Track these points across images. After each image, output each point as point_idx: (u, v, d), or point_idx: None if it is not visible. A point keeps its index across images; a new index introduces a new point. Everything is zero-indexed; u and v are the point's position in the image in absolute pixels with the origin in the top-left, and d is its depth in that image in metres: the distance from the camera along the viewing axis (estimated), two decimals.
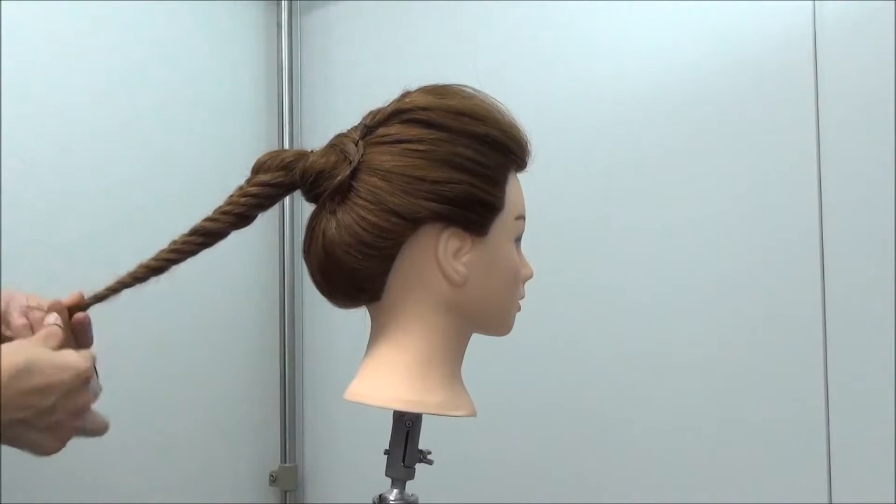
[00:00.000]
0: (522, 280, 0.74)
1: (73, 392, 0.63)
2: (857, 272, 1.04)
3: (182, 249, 0.71)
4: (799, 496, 1.06)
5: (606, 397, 1.23)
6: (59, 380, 0.62)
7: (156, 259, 0.71)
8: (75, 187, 1.27)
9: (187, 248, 0.71)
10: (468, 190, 0.66)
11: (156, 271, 0.71)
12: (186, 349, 1.43)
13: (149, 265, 0.71)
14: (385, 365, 0.70)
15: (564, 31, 1.29)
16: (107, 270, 1.30)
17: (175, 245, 0.71)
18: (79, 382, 0.64)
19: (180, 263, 0.71)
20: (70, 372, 0.63)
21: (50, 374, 0.62)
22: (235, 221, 0.70)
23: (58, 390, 0.62)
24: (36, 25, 1.24)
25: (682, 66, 1.17)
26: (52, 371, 0.62)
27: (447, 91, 0.70)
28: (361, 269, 0.67)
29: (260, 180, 0.70)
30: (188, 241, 0.71)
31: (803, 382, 1.07)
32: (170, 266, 0.71)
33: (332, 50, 1.58)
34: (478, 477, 1.34)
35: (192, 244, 0.71)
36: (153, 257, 0.71)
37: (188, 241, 0.71)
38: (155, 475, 1.37)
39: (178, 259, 0.71)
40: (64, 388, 0.62)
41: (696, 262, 1.16)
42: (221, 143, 1.50)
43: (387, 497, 0.72)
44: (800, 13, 1.08)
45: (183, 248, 0.71)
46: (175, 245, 0.71)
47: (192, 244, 0.71)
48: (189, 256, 0.71)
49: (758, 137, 1.11)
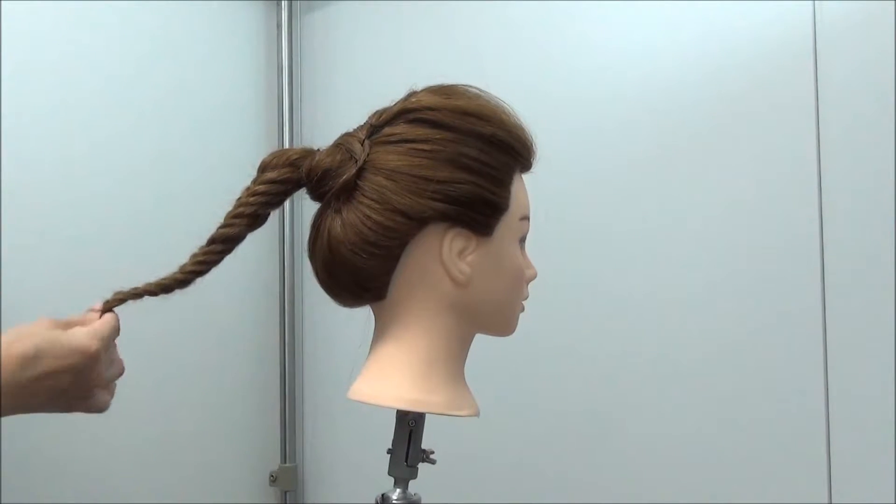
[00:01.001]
0: (526, 281, 0.74)
1: (85, 371, 0.64)
2: (857, 272, 1.04)
3: (206, 261, 0.70)
4: (799, 496, 1.06)
5: (607, 397, 1.23)
6: (68, 364, 0.62)
7: (182, 272, 0.70)
8: (75, 187, 1.27)
9: (211, 259, 0.70)
10: (474, 190, 0.66)
11: (183, 283, 0.70)
12: (187, 349, 1.43)
13: (176, 278, 0.70)
14: (389, 364, 0.70)
15: (564, 31, 1.29)
16: (107, 270, 1.30)
17: (198, 257, 0.70)
18: (90, 362, 0.64)
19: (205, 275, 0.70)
20: (77, 355, 0.63)
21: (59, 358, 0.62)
22: (250, 223, 0.70)
23: (69, 373, 0.63)
24: (36, 26, 1.24)
25: (682, 67, 1.17)
26: (61, 355, 0.62)
27: (453, 91, 0.70)
28: (366, 268, 0.67)
29: (268, 178, 0.70)
30: (209, 251, 0.70)
31: (803, 382, 1.07)
32: (195, 278, 0.70)
33: (332, 50, 1.58)
34: (480, 477, 1.34)
35: (213, 254, 0.70)
36: (179, 270, 0.70)
37: (209, 251, 0.70)
38: (155, 475, 1.37)
39: (204, 270, 0.70)
40: (75, 370, 0.63)
41: (697, 263, 1.16)
42: (221, 143, 1.50)
43: (390, 496, 0.72)
44: (800, 13, 1.08)
45: (206, 258, 0.70)
46: (198, 257, 0.70)
47: (214, 253, 0.70)
48: (214, 266, 0.70)
49: (758, 138, 1.12)
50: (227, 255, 0.71)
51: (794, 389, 1.08)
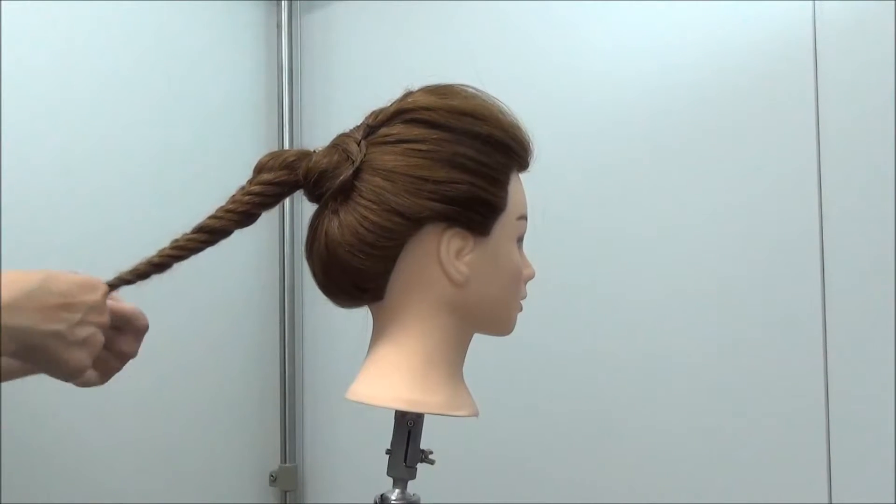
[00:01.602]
0: (524, 280, 0.74)
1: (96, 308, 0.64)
2: (857, 272, 1.04)
3: (186, 247, 0.69)
4: (799, 496, 1.06)
5: (607, 397, 1.23)
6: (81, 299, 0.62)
7: (159, 255, 0.70)
8: (75, 187, 1.27)
9: (191, 246, 0.69)
10: (471, 190, 0.66)
11: (158, 267, 0.70)
12: (187, 349, 1.43)
13: (151, 261, 0.70)
14: (387, 365, 0.70)
15: (563, 31, 1.29)
16: (107, 270, 1.30)
17: (178, 242, 0.70)
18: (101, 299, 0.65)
19: (183, 261, 0.70)
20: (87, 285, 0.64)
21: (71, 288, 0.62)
22: (239, 220, 0.70)
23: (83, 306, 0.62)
24: (36, 26, 1.24)
25: (681, 67, 1.17)
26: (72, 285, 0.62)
27: (450, 91, 0.70)
28: (364, 269, 0.67)
29: (263, 179, 0.69)
30: (192, 238, 0.69)
31: (803, 382, 1.07)
32: (172, 263, 0.70)
33: (332, 50, 1.58)
34: (479, 477, 1.34)
35: (195, 241, 0.69)
36: (156, 254, 0.70)
37: (192, 238, 0.69)
38: (155, 475, 1.37)
39: (182, 256, 0.70)
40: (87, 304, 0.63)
41: (697, 263, 1.16)
42: (222, 142, 1.50)
43: (388, 497, 0.72)
44: (800, 13, 1.08)
45: (186, 245, 0.69)
46: (178, 242, 0.70)
47: (196, 241, 0.69)
48: (192, 254, 0.70)
49: (758, 138, 1.11)
50: (209, 247, 0.70)
51: (794, 389, 1.08)
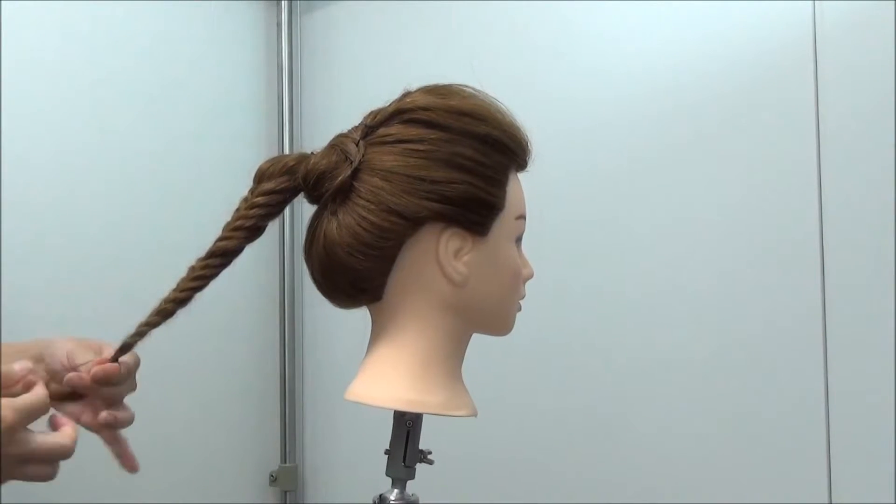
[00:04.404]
0: (523, 280, 0.74)
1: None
2: (857, 272, 1.04)
3: (204, 275, 0.69)
4: (799, 496, 1.06)
5: (606, 397, 1.23)
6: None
7: (180, 290, 0.69)
8: (75, 187, 1.28)
9: (209, 273, 0.69)
10: (469, 190, 0.66)
11: (182, 303, 0.69)
12: (186, 349, 1.42)
13: (174, 298, 0.69)
14: (386, 365, 0.70)
15: (563, 31, 1.29)
16: (107, 271, 1.30)
17: (195, 272, 0.69)
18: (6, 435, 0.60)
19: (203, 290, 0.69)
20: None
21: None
22: (248, 235, 0.69)
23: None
24: (36, 25, 1.24)
25: (681, 67, 1.17)
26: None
27: (448, 91, 0.70)
28: (362, 270, 0.67)
29: (265, 189, 0.69)
30: (208, 264, 0.69)
31: (803, 382, 1.07)
32: (195, 294, 0.69)
33: (332, 50, 1.58)
34: (478, 477, 1.34)
35: (212, 267, 0.69)
36: (176, 289, 0.69)
37: (208, 264, 0.69)
38: (155, 475, 1.37)
39: (202, 285, 0.69)
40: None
41: (696, 262, 1.16)
42: (222, 143, 1.50)
43: (387, 497, 0.72)
44: (800, 13, 1.08)
45: (205, 273, 0.69)
46: (195, 272, 0.69)
47: (213, 267, 0.69)
48: (212, 280, 0.69)
49: (758, 138, 1.11)
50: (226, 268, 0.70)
51: (794, 389, 1.08)
